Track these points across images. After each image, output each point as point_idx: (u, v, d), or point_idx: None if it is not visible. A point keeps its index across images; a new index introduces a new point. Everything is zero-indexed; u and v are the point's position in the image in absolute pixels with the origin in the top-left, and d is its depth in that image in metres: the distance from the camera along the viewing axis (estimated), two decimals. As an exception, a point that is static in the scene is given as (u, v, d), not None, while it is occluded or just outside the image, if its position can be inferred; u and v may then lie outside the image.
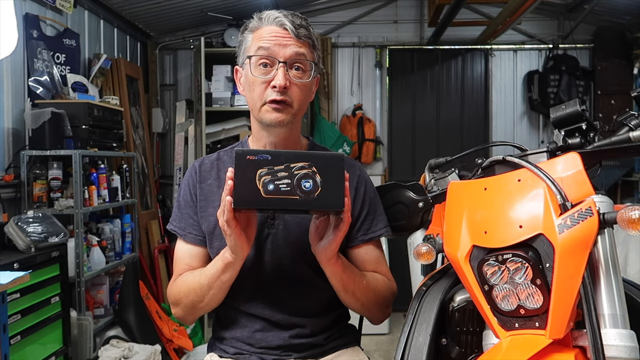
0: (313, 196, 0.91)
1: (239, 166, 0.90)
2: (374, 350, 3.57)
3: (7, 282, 1.65)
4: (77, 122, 2.64)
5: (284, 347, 1.19)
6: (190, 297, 1.16)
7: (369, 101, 4.54)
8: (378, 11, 4.51)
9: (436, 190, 1.08)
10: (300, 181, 0.90)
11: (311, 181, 0.91)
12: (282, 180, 0.90)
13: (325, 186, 0.91)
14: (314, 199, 0.91)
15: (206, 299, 1.15)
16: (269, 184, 0.90)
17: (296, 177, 0.90)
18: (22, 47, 2.63)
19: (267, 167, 0.90)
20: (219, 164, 1.27)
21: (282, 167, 0.90)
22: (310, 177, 0.91)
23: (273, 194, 0.90)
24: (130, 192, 3.24)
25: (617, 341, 0.76)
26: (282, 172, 0.90)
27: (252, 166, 0.90)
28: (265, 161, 0.90)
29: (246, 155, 0.90)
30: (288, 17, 1.15)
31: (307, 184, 0.91)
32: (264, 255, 1.19)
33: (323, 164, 0.92)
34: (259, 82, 1.14)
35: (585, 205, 0.78)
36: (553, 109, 0.96)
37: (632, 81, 4.29)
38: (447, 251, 0.94)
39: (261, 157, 0.90)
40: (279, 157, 0.91)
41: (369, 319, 1.27)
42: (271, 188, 0.90)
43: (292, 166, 0.91)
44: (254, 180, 0.90)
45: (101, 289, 2.97)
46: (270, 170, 0.90)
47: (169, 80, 4.47)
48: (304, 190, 0.90)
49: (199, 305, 1.16)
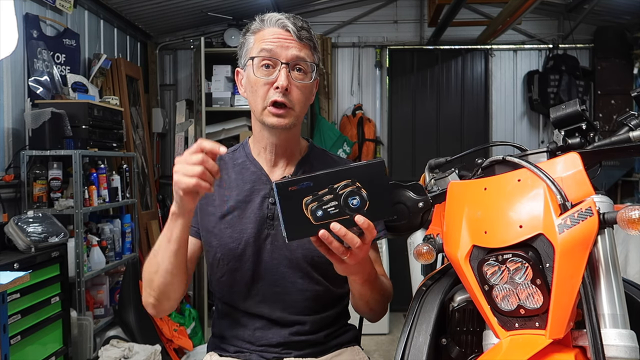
0: (363, 211, 0.89)
1: (283, 199, 0.87)
2: (374, 350, 3.57)
3: (7, 282, 1.65)
4: (77, 122, 2.65)
5: (284, 345, 1.20)
6: (147, 270, 1.13)
7: (369, 101, 4.55)
8: (378, 11, 4.51)
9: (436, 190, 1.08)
10: (347, 200, 0.88)
11: (358, 197, 0.88)
12: (329, 203, 0.88)
13: (372, 197, 0.89)
14: (364, 213, 0.89)
15: (160, 270, 1.09)
16: (317, 211, 0.87)
17: (342, 197, 0.88)
18: (22, 47, 2.63)
19: (312, 194, 0.87)
20: (221, 164, 1.26)
21: (326, 189, 0.88)
22: (356, 193, 0.88)
23: (323, 220, 0.88)
24: (130, 192, 3.24)
25: (617, 341, 0.76)
26: (328, 195, 0.88)
27: (296, 196, 0.87)
28: (308, 188, 0.87)
29: (288, 187, 0.87)
30: (290, 19, 1.16)
31: (354, 201, 0.88)
32: (264, 255, 1.20)
33: (365, 176, 0.89)
34: (261, 83, 1.15)
35: (585, 205, 0.78)
36: (553, 109, 0.96)
37: (632, 81, 4.29)
38: (447, 251, 0.94)
39: (303, 186, 0.87)
40: (321, 180, 0.88)
41: (368, 318, 1.28)
42: (320, 214, 0.88)
43: (335, 187, 0.88)
44: (302, 210, 0.87)
45: (101, 289, 2.97)
46: (315, 196, 0.87)
47: (169, 80, 4.47)
48: (352, 208, 0.88)
49: (155, 278, 1.11)
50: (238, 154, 1.29)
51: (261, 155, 1.25)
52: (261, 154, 1.25)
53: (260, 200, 1.21)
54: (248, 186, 1.23)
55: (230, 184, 1.24)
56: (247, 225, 1.20)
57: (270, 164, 1.25)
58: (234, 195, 1.22)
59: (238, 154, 1.29)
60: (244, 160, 1.27)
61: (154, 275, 1.11)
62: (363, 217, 0.89)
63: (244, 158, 1.27)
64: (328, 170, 0.89)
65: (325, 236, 0.88)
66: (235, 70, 1.26)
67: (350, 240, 0.90)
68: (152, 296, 1.14)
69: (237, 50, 1.24)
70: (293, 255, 1.19)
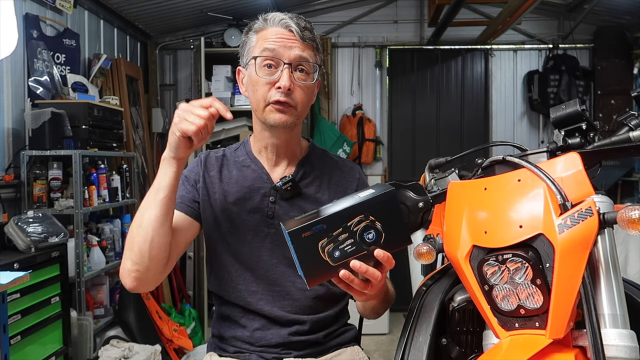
0: (379, 244, 0.88)
1: (298, 246, 0.86)
2: (374, 350, 3.57)
3: (7, 282, 1.65)
4: (77, 122, 2.64)
5: (283, 345, 1.20)
6: (130, 230, 1.08)
7: (369, 101, 4.55)
8: (378, 11, 4.51)
9: (436, 190, 1.08)
10: (363, 235, 0.87)
11: (373, 231, 0.87)
12: (345, 242, 0.87)
13: (387, 228, 0.88)
14: (381, 246, 0.88)
15: (144, 224, 1.05)
16: (334, 252, 0.86)
17: (357, 233, 0.87)
18: (22, 47, 2.63)
19: (327, 236, 0.86)
20: (223, 160, 1.28)
21: (340, 229, 0.86)
22: (371, 227, 0.87)
23: (341, 259, 0.87)
24: (130, 192, 3.24)
25: (617, 341, 0.76)
26: (343, 235, 0.86)
27: (311, 241, 0.86)
28: (321, 232, 0.86)
29: (301, 234, 0.85)
30: (293, 19, 1.16)
31: (370, 236, 0.87)
32: (263, 254, 1.20)
33: (378, 208, 0.88)
34: (263, 82, 1.14)
35: (585, 205, 0.78)
36: (553, 109, 0.96)
37: (632, 81, 4.29)
38: (447, 251, 0.94)
39: (316, 230, 0.86)
40: (334, 221, 0.86)
41: (370, 318, 1.27)
42: (337, 255, 0.86)
43: (349, 224, 0.87)
44: (319, 255, 0.86)
45: (101, 289, 2.97)
46: (330, 238, 0.86)
47: (169, 80, 4.47)
48: (369, 242, 0.87)
49: (136, 234, 1.06)
50: (239, 151, 1.29)
51: (262, 154, 1.25)
52: (262, 153, 1.25)
53: (260, 198, 1.21)
54: (248, 184, 1.23)
55: (230, 180, 1.24)
56: (247, 224, 1.20)
57: (271, 163, 1.25)
58: (234, 192, 1.22)
59: (239, 152, 1.29)
60: (244, 159, 1.27)
61: (136, 231, 1.05)
62: (382, 251, 0.88)
63: (244, 156, 1.27)
64: (339, 208, 0.87)
65: (346, 276, 0.88)
66: (237, 69, 1.26)
67: (371, 275, 0.89)
68: (130, 259, 1.06)
69: (239, 49, 1.24)
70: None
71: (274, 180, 1.23)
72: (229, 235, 1.21)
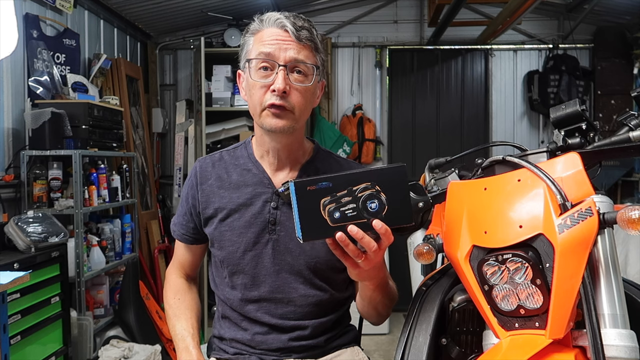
0: (381, 216, 0.87)
1: (300, 198, 0.86)
2: (374, 350, 3.57)
3: (7, 282, 1.65)
4: (77, 122, 2.64)
5: (283, 350, 1.19)
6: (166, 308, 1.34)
7: (369, 101, 4.54)
8: (378, 11, 4.51)
9: (436, 190, 1.08)
10: (366, 203, 0.87)
11: (377, 201, 0.87)
12: (347, 205, 0.86)
13: (391, 202, 0.87)
14: (382, 218, 0.87)
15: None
16: (334, 212, 0.86)
17: (361, 199, 0.86)
18: (22, 47, 2.63)
19: (330, 195, 0.86)
20: (220, 164, 1.25)
21: (345, 191, 0.86)
22: (375, 197, 0.87)
23: (340, 222, 0.86)
24: (130, 192, 3.24)
25: (617, 341, 0.76)
26: (346, 197, 0.86)
27: (314, 196, 0.86)
28: (326, 189, 0.86)
29: (306, 187, 0.86)
30: (290, 18, 1.11)
31: (372, 205, 0.87)
32: (264, 260, 1.18)
33: (386, 180, 0.87)
34: (259, 86, 1.11)
35: (585, 205, 0.78)
36: (553, 109, 0.96)
37: (632, 81, 4.28)
38: (447, 251, 0.94)
39: (322, 186, 0.86)
40: (340, 182, 0.86)
41: (373, 321, 1.26)
42: (337, 216, 0.86)
43: (354, 189, 0.86)
44: (319, 211, 0.86)
45: (101, 289, 2.97)
46: (334, 197, 0.86)
47: (169, 80, 4.47)
48: (370, 212, 0.87)
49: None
50: (239, 152, 1.26)
51: (264, 158, 1.22)
52: (264, 157, 1.22)
53: (261, 204, 1.19)
54: (249, 189, 1.20)
55: (230, 185, 1.22)
56: (248, 229, 1.18)
57: (273, 167, 1.21)
58: (235, 197, 1.20)
59: (239, 153, 1.26)
60: (245, 162, 1.24)
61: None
62: (381, 222, 0.87)
63: (245, 159, 1.24)
64: (348, 171, 0.88)
65: (342, 238, 0.87)
66: (237, 73, 1.23)
67: (367, 243, 0.88)
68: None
69: (237, 49, 1.22)
70: (295, 262, 1.17)
71: (276, 185, 1.19)
72: (230, 241, 1.19)
